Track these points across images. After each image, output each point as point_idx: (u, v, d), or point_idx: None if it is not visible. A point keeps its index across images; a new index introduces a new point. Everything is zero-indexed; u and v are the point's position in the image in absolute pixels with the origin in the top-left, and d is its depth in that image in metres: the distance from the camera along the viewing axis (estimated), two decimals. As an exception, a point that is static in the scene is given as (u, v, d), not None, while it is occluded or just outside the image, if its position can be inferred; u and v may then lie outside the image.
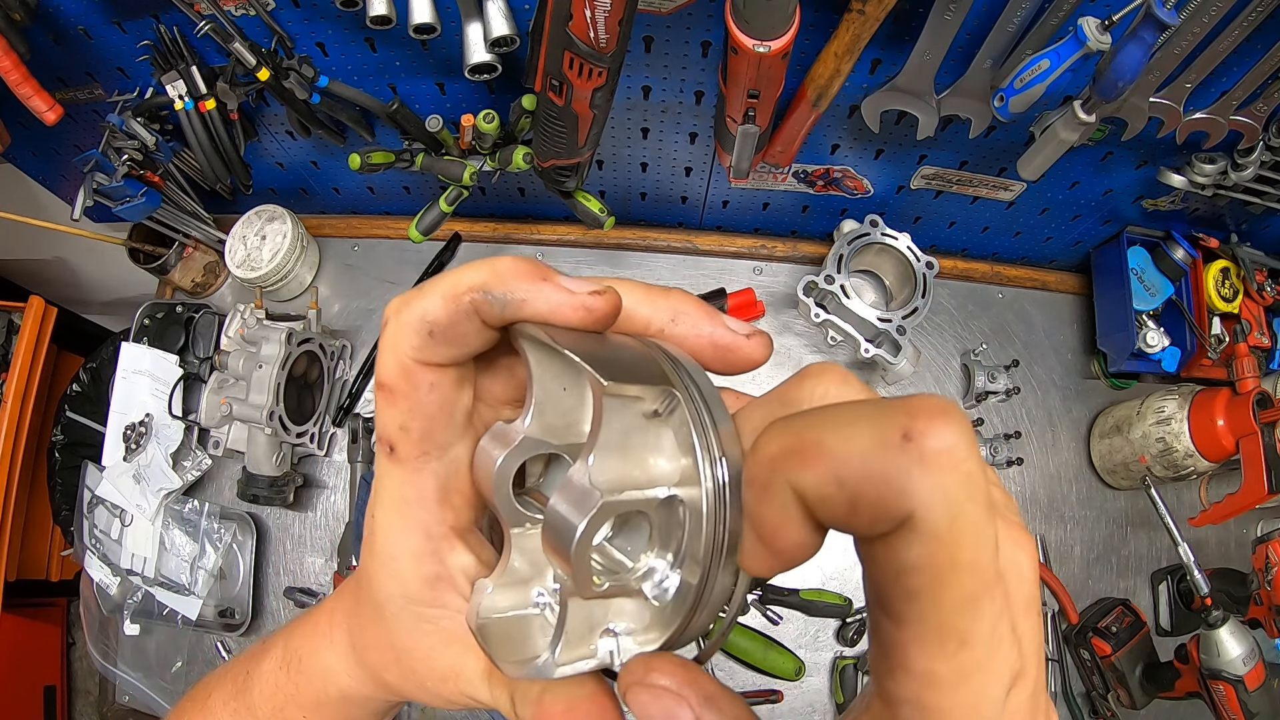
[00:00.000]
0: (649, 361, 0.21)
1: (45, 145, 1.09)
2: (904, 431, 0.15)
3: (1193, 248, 1.02)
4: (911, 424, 0.15)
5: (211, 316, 1.12)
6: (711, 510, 0.19)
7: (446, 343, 0.22)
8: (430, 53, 0.86)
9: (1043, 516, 1.08)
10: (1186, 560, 0.88)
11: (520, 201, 1.16)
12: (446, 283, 0.21)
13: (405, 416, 0.23)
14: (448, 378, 0.23)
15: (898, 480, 0.15)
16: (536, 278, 0.21)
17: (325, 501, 1.08)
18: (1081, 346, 1.15)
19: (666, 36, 0.80)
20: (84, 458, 1.08)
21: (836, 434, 0.16)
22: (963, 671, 0.16)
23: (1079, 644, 0.99)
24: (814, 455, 0.16)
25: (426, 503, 0.24)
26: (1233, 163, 0.86)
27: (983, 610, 0.16)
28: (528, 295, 0.21)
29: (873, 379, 1.10)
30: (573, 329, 0.21)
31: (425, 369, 0.22)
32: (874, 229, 0.98)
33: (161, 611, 1.01)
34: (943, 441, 0.15)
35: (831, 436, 0.16)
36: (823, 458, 0.16)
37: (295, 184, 1.16)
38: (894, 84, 0.78)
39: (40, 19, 0.81)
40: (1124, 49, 0.66)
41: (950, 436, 0.15)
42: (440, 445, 0.24)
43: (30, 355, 1.24)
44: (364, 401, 1.10)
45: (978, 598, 0.16)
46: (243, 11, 0.81)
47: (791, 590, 0.99)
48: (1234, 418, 0.91)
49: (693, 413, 0.19)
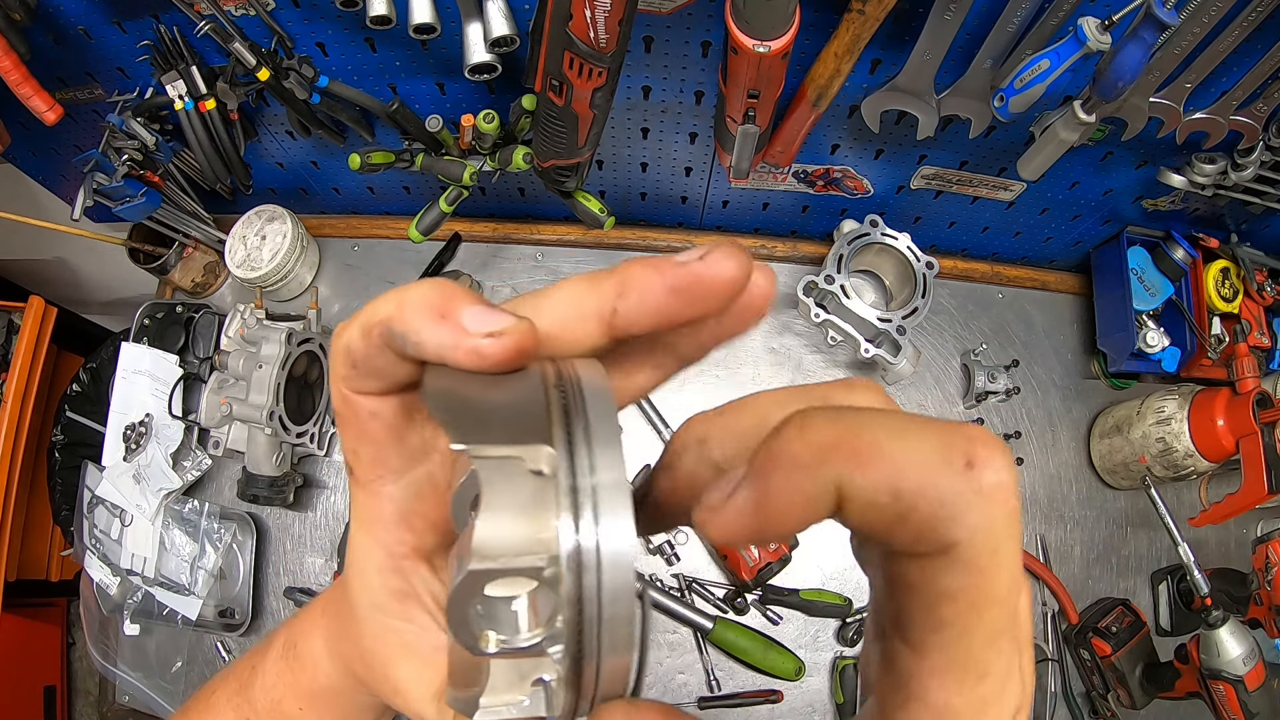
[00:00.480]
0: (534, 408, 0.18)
1: (45, 145, 1.09)
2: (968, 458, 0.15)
3: (1193, 248, 1.02)
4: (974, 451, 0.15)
5: (211, 316, 1.12)
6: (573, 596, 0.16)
7: (368, 375, 0.21)
8: (430, 53, 0.86)
9: (1043, 516, 1.08)
10: (1186, 560, 0.88)
11: (520, 201, 1.16)
12: (365, 313, 0.20)
13: (353, 441, 0.23)
14: (388, 406, 0.22)
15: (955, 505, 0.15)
16: (435, 314, 0.19)
17: (325, 501, 1.08)
18: (1081, 346, 1.15)
19: (666, 36, 0.80)
20: (84, 458, 1.08)
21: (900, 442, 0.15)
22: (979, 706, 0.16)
23: (1079, 644, 0.99)
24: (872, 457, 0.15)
25: (386, 524, 0.24)
26: (1233, 163, 0.86)
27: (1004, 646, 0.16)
28: (421, 334, 0.19)
29: (872, 379, 1.10)
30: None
31: (362, 397, 0.22)
32: (874, 229, 0.98)
33: (161, 611, 1.01)
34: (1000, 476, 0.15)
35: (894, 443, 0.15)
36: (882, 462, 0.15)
37: (295, 184, 1.16)
38: (894, 84, 0.78)
39: (40, 19, 0.81)
40: (1124, 49, 0.66)
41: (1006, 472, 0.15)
42: (394, 470, 0.23)
43: (30, 355, 1.24)
44: (364, 401, 1.09)
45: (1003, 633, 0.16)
46: (243, 11, 0.81)
47: (791, 590, 0.99)
48: (1234, 418, 0.91)
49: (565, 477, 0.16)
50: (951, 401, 1.11)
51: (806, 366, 1.11)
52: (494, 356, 0.18)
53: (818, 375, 1.11)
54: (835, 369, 1.11)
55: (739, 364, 1.11)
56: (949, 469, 0.15)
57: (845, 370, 1.11)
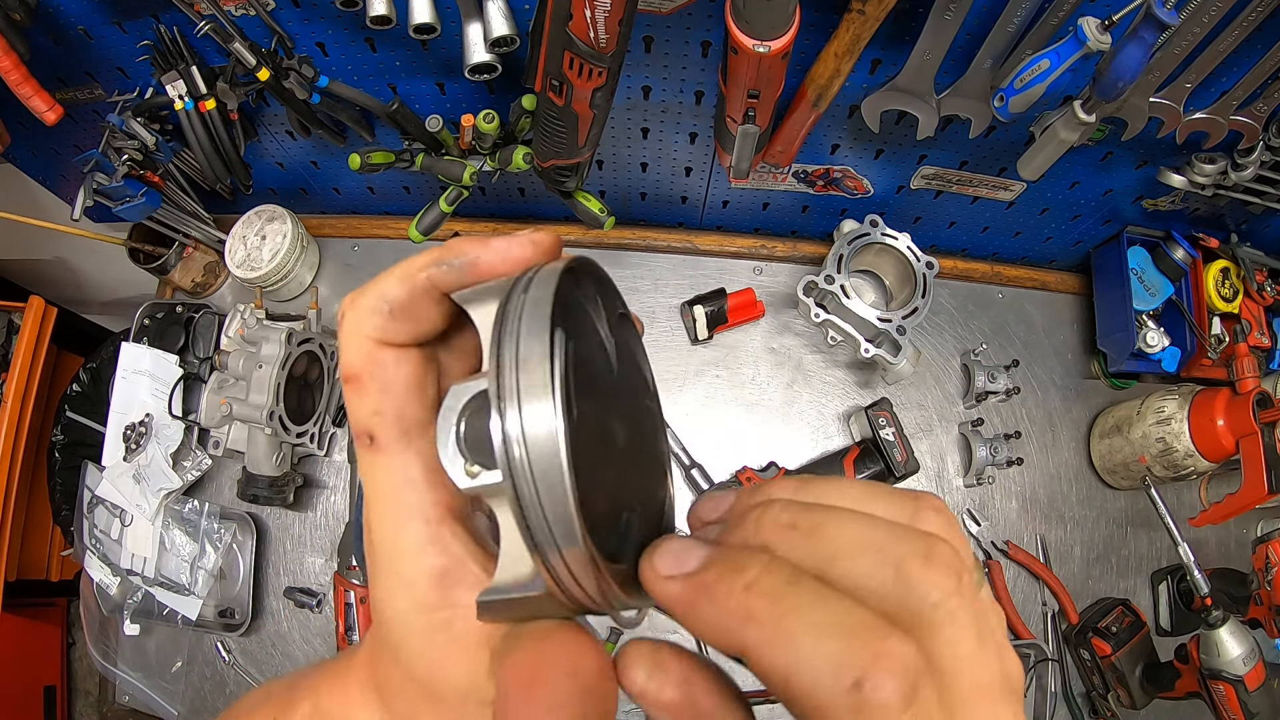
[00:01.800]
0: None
1: (45, 145, 1.09)
2: (858, 677, 0.16)
3: (1193, 248, 1.02)
4: (869, 673, 0.16)
5: (211, 316, 1.12)
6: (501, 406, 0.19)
7: (407, 318, 0.23)
8: (430, 53, 0.86)
9: (1043, 516, 1.08)
10: (1186, 560, 0.88)
11: (520, 201, 1.16)
12: (399, 268, 0.23)
13: (377, 400, 0.23)
14: (411, 356, 0.23)
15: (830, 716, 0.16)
16: (481, 240, 0.23)
17: (325, 501, 1.08)
18: (1081, 346, 1.15)
19: (666, 36, 0.80)
20: (84, 458, 1.08)
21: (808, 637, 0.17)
22: None
23: (1079, 644, 0.99)
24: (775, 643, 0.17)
25: (416, 484, 0.23)
26: (1233, 163, 0.86)
27: None
28: (480, 253, 0.23)
29: (873, 379, 1.10)
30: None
31: (389, 349, 0.23)
32: (874, 229, 0.98)
33: (161, 611, 1.01)
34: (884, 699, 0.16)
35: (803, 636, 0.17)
36: (781, 652, 0.17)
37: (295, 184, 1.16)
38: (894, 84, 0.78)
39: (40, 19, 0.81)
40: (1124, 49, 0.66)
41: (894, 696, 0.16)
42: (418, 424, 0.23)
43: (30, 355, 1.24)
44: (364, 401, 1.09)
45: None
46: (243, 11, 0.81)
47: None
48: (1234, 418, 0.91)
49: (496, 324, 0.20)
50: (951, 401, 1.11)
51: (806, 366, 1.11)
52: (544, 243, 0.23)
53: (818, 375, 1.11)
54: (835, 369, 1.11)
55: (739, 364, 1.11)
56: (834, 682, 0.16)
57: (845, 370, 1.11)
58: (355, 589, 0.98)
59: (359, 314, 0.23)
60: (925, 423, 1.09)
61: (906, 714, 0.16)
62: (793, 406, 1.10)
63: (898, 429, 1.00)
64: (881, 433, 1.00)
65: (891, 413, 1.01)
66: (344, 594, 0.98)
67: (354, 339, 0.23)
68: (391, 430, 0.23)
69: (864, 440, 1.05)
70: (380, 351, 0.23)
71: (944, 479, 1.08)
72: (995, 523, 1.07)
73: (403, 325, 0.23)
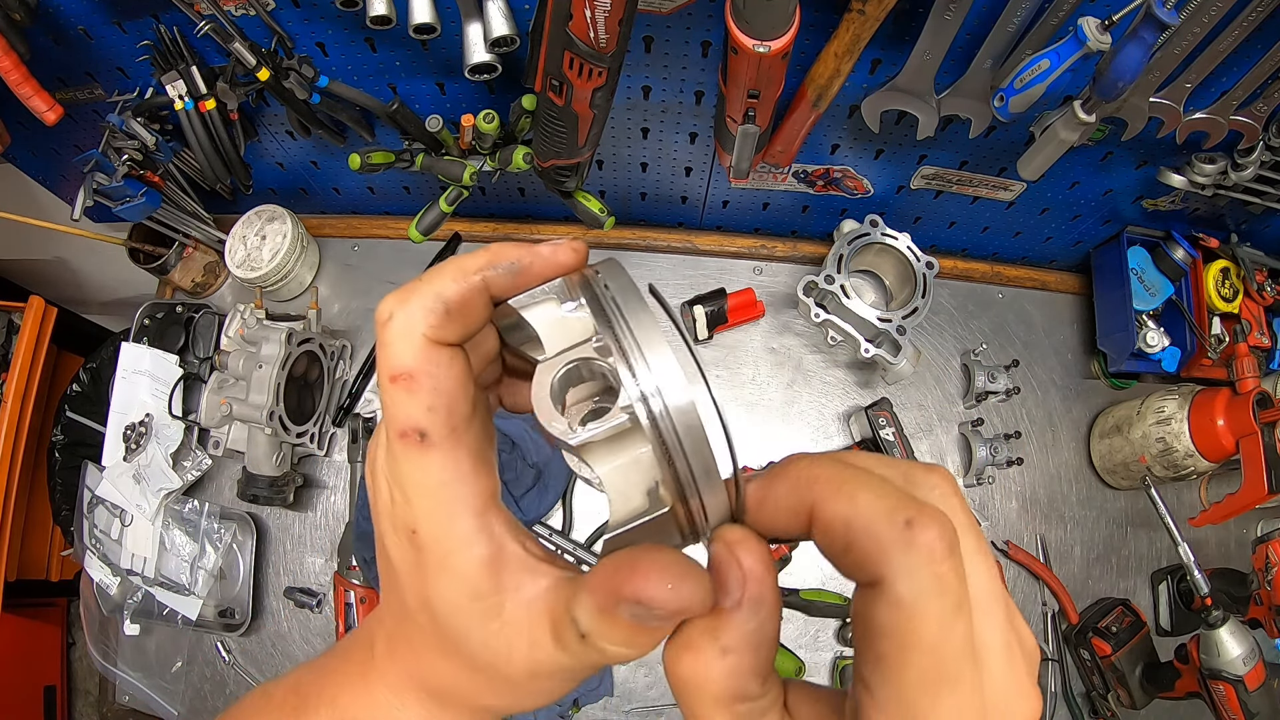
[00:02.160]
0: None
1: (45, 145, 1.09)
2: (909, 518, 0.19)
3: (1193, 248, 1.02)
4: (918, 516, 0.19)
5: (211, 316, 1.12)
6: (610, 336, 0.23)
7: (461, 317, 0.24)
8: (430, 53, 0.86)
9: (1043, 516, 1.08)
10: (1186, 560, 0.88)
11: (520, 201, 1.16)
12: (452, 268, 0.24)
13: (431, 397, 0.23)
14: (460, 355, 0.24)
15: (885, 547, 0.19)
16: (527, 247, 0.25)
17: (325, 501, 1.08)
18: (1081, 346, 1.15)
19: (666, 36, 0.80)
20: (84, 458, 1.08)
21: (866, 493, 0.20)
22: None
23: (1079, 644, 0.99)
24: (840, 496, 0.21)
25: (466, 477, 0.24)
26: (1233, 163, 0.86)
27: (942, 701, 0.19)
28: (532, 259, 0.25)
29: (873, 379, 1.10)
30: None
31: (442, 348, 0.24)
32: (874, 229, 0.98)
33: (161, 611, 1.01)
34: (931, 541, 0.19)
35: (862, 493, 0.20)
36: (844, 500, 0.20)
37: (295, 184, 1.16)
38: (894, 84, 0.78)
39: (40, 19, 0.81)
40: (1124, 49, 0.66)
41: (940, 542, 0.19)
42: (465, 419, 0.24)
43: (30, 355, 1.24)
44: (364, 401, 1.10)
45: (937, 684, 0.19)
46: (243, 11, 0.81)
47: (791, 590, 0.99)
48: (1234, 418, 0.91)
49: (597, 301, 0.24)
50: (951, 401, 1.11)
51: (806, 366, 1.11)
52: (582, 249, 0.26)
53: (818, 375, 1.11)
54: (835, 369, 1.11)
55: (739, 364, 1.11)
56: (889, 520, 0.19)
57: (845, 370, 1.11)
58: (355, 589, 0.98)
59: (412, 312, 0.24)
60: (925, 423, 1.10)
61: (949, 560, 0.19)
62: (793, 406, 1.10)
63: (898, 429, 1.00)
64: (881, 433, 1.00)
65: (891, 413, 1.01)
66: (344, 594, 0.98)
67: (407, 337, 0.23)
68: (444, 427, 0.24)
69: (864, 440, 1.05)
70: (433, 350, 0.24)
71: (944, 479, 1.08)
72: (995, 523, 1.07)
73: (455, 324, 0.24)
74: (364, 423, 1.06)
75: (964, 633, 0.19)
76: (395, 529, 0.24)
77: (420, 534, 0.24)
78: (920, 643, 0.19)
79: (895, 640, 0.19)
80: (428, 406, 0.23)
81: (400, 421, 0.23)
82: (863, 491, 0.20)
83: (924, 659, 0.19)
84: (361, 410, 1.09)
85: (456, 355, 0.24)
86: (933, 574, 0.19)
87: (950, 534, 0.19)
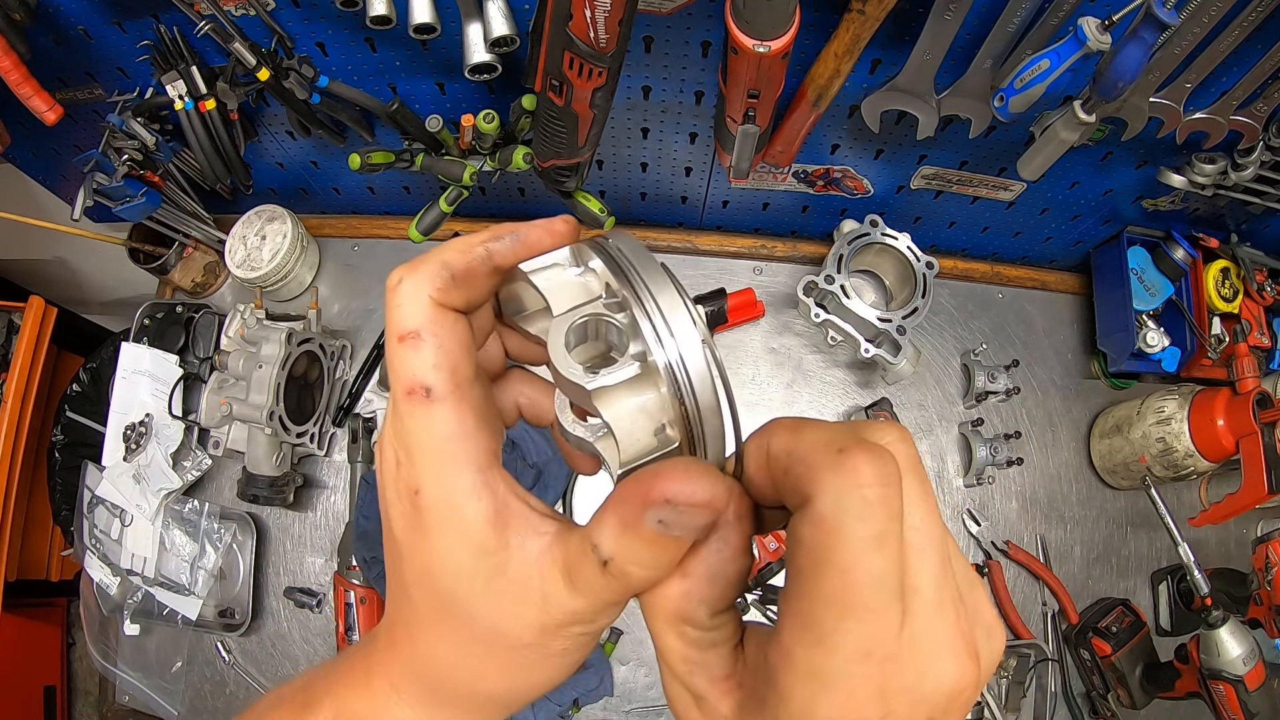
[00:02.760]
0: None
1: (45, 145, 1.09)
2: (842, 447, 0.20)
3: (1193, 248, 1.02)
4: (851, 445, 0.20)
5: (211, 316, 1.12)
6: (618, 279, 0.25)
7: (465, 285, 0.26)
8: (430, 53, 0.86)
9: (1043, 516, 1.08)
10: (1186, 560, 0.88)
11: (520, 201, 1.16)
12: (457, 241, 0.26)
13: (435, 355, 0.24)
14: (463, 322, 0.26)
15: (816, 470, 0.20)
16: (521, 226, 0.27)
17: (325, 501, 1.08)
18: (1081, 346, 1.15)
19: (666, 36, 0.80)
20: (84, 458, 1.08)
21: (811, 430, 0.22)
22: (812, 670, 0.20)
23: (1079, 644, 0.99)
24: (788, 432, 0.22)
25: (470, 433, 0.24)
26: (1233, 163, 0.86)
27: (846, 625, 0.19)
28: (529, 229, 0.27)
29: (873, 379, 1.10)
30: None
31: (447, 310, 0.25)
32: (874, 229, 0.98)
33: (161, 611, 1.01)
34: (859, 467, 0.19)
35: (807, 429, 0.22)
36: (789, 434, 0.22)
37: (295, 184, 1.16)
38: (894, 84, 0.78)
39: (40, 19, 0.81)
40: (1124, 49, 0.66)
41: (869, 470, 0.19)
42: (467, 378, 0.25)
43: (30, 355, 1.24)
44: (364, 401, 1.10)
45: (846, 607, 0.19)
46: (243, 11, 0.81)
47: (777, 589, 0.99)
48: (1234, 418, 0.91)
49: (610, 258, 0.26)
50: (951, 401, 1.11)
51: (806, 366, 1.11)
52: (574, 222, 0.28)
53: (818, 375, 1.11)
54: (835, 369, 1.11)
55: (739, 364, 1.11)
56: (824, 449, 0.21)
57: (845, 370, 1.11)
58: (355, 589, 0.98)
59: (419, 277, 0.25)
60: (925, 423, 1.10)
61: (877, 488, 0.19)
62: (793, 406, 1.10)
63: (898, 429, 1.00)
64: (881, 433, 0.99)
65: (891, 413, 1.01)
66: (344, 594, 0.98)
67: (415, 300, 0.25)
68: (448, 383, 0.24)
69: (864, 440, 1.04)
70: (439, 312, 0.25)
71: (944, 479, 1.08)
72: (995, 523, 1.07)
73: (460, 291, 0.25)
74: (364, 423, 1.06)
75: (884, 565, 0.19)
76: (398, 494, 0.25)
77: (423, 493, 0.24)
78: (833, 561, 0.19)
79: (811, 557, 0.19)
80: (433, 364, 0.24)
81: (406, 379, 0.24)
82: (810, 428, 0.22)
83: (836, 579, 0.19)
84: (361, 410, 1.09)
85: (460, 320, 0.26)
86: (858, 497, 0.19)
87: (885, 468, 0.19)
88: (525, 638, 0.24)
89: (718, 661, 0.24)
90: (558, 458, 1.05)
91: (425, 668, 0.27)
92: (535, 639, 0.24)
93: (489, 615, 0.24)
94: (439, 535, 0.24)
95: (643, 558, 0.22)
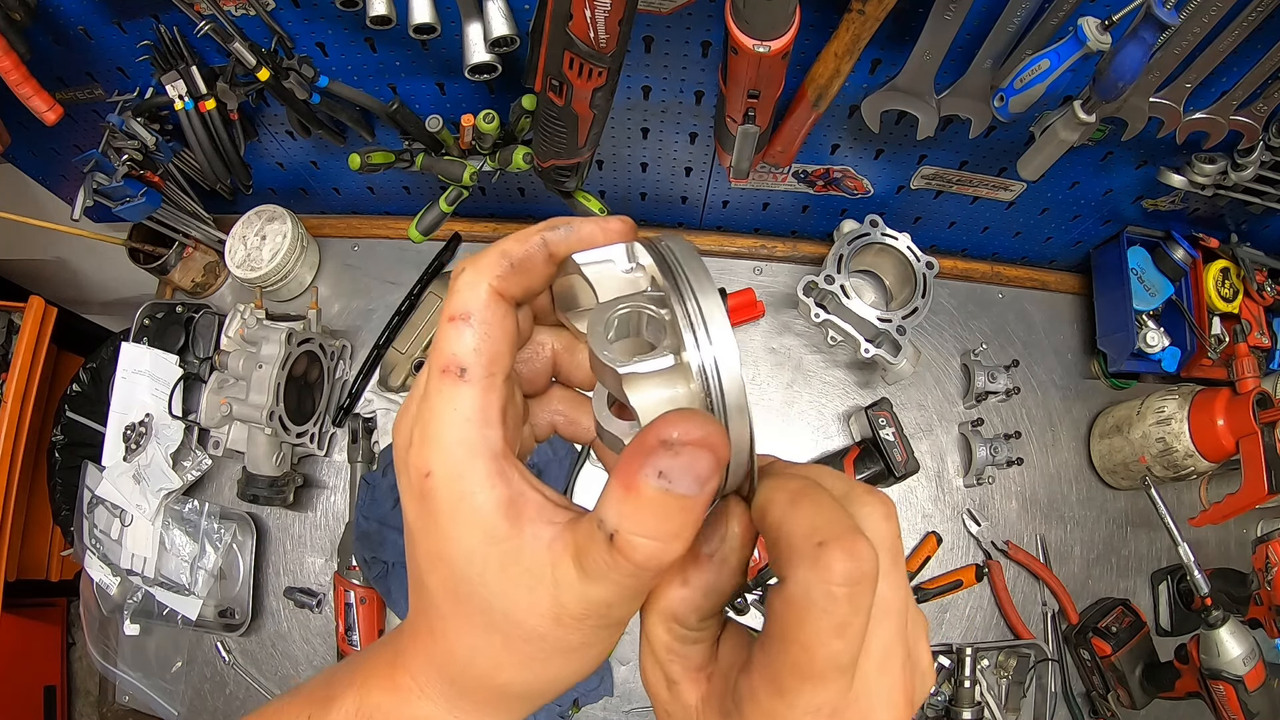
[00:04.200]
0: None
1: (45, 145, 1.09)
2: (824, 540, 0.21)
3: (1193, 248, 1.02)
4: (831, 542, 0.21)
5: (211, 316, 1.12)
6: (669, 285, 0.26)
7: (524, 272, 0.27)
8: (430, 53, 0.86)
9: (1043, 516, 1.08)
10: (1186, 560, 0.88)
11: (520, 201, 1.16)
12: (514, 234, 0.27)
13: (480, 340, 0.25)
14: (512, 316, 0.27)
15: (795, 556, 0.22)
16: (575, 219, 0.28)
17: (325, 501, 1.08)
18: (1081, 346, 1.15)
19: (666, 36, 0.80)
20: (84, 458, 1.08)
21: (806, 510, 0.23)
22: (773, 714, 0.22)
23: (1079, 644, 0.99)
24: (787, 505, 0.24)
25: (492, 421, 0.25)
26: (1233, 163, 0.86)
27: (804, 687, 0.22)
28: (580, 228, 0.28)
29: (873, 379, 1.10)
30: None
31: (501, 301, 0.26)
32: (874, 229, 0.98)
33: (161, 611, 1.01)
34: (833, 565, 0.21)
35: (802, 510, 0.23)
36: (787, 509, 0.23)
37: (295, 184, 1.16)
38: (894, 84, 0.78)
39: (40, 19, 0.81)
40: (1124, 49, 0.66)
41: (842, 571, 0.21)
42: (503, 370, 0.26)
43: (30, 355, 1.24)
44: (364, 401, 1.10)
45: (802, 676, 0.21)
46: (243, 11, 0.81)
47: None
48: (1234, 418, 0.91)
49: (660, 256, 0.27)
50: (951, 401, 1.11)
51: (806, 366, 1.11)
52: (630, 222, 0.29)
53: (818, 375, 1.11)
54: (835, 369, 1.11)
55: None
56: (806, 538, 0.22)
57: (845, 370, 1.11)
58: (355, 589, 0.98)
59: (481, 265, 0.26)
60: (925, 423, 1.10)
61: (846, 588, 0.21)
62: (793, 406, 1.10)
63: (898, 429, 1.00)
64: (881, 433, 1.00)
65: (891, 413, 1.01)
66: (344, 594, 0.98)
67: (474, 286, 0.26)
68: (484, 368, 0.25)
69: (864, 440, 1.05)
70: (495, 300, 0.26)
71: (944, 479, 1.08)
72: (995, 523, 1.07)
73: (519, 278, 0.26)
74: (364, 423, 1.06)
75: (841, 648, 0.21)
76: (410, 475, 0.25)
77: (434, 475, 0.24)
78: (798, 638, 0.21)
79: (780, 627, 0.22)
80: (474, 347, 0.25)
81: (445, 356, 0.25)
82: (805, 505, 0.23)
83: (799, 652, 0.21)
84: (361, 410, 1.09)
85: (510, 315, 0.26)
86: (825, 592, 0.21)
87: (858, 569, 0.21)
88: (540, 628, 0.24)
89: (696, 654, 0.26)
90: (558, 458, 1.05)
91: (446, 660, 0.27)
92: (550, 629, 0.24)
93: (503, 604, 0.24)
94: (449, 519, 0.24)
95: (647, 526, 0.21)
